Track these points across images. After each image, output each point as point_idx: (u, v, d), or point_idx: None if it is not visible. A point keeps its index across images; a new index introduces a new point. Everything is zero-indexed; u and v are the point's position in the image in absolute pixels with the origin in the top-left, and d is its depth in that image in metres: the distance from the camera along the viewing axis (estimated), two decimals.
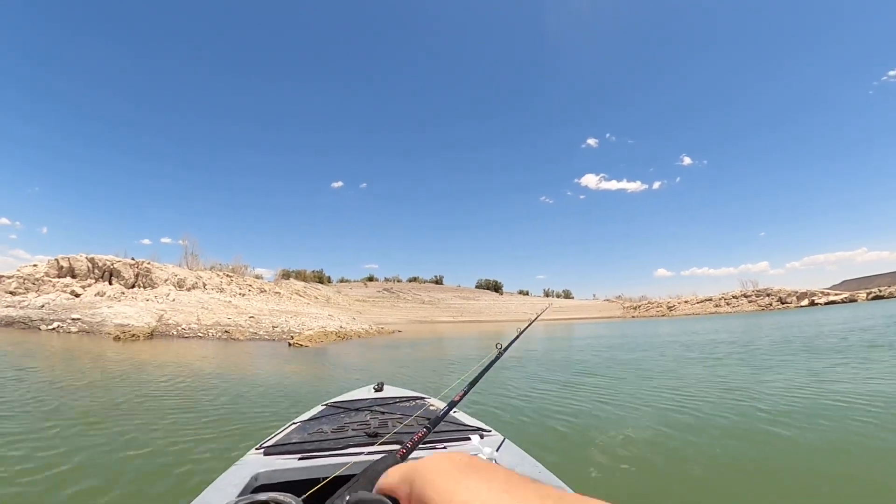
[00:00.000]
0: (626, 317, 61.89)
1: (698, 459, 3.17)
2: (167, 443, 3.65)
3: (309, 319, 28.00)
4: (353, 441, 1.47)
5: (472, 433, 1.58)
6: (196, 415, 4.74)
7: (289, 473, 1.27)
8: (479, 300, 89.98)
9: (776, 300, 50.41)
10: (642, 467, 3.06)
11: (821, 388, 5.44)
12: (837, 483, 2.74)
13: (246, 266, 51.97)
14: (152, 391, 6.19)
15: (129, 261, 24.74)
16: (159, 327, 18.08)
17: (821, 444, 3.43)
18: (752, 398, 5.07)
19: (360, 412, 1.96)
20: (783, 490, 2.71)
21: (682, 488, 2.76)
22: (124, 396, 5.69)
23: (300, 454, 1.37)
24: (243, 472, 1.24)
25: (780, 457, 3.24)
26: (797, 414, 4.28)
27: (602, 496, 0.24)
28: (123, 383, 6.91)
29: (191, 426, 4.23)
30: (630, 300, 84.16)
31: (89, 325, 16.59)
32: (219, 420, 4.50)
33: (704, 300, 60.08)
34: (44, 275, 20.59)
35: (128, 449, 3.48)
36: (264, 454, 1.40)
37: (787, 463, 3.12)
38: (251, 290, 41.25)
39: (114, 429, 4.07)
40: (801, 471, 2.98)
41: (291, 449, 1.42)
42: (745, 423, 4.05)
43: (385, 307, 75.55)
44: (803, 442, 3.50)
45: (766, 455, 3.25)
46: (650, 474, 2.96)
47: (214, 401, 5.55)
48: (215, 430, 4.10)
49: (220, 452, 3.39)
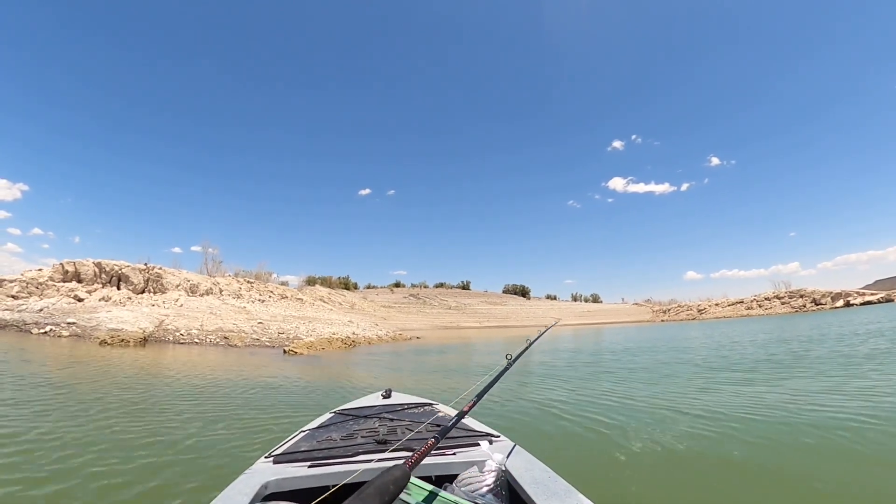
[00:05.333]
0: (656, 320, 60.18)
1: (721, 471, 2.89)
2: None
3: (323, 325, 27.01)
4: (363, 448, 1.47)
5: (482, 439, 1.57)
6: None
7: (298, 482, 1.27)
8: (506, 305, 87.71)
9: (810, 301, 48.97)
10: (660, 476, 2.84)
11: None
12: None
13: (270, 273, 52.07)
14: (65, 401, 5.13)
15: (138, 266, 24.40)
16: (156, 333, 17.24)
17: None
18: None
19: (369, 419, 1.95)
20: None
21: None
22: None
23: (309, 462, 1.38)
24: (252, 481, 1.24)
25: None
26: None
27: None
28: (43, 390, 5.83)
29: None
30: (659, 303, 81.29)
31: (82, 330, 15.90)
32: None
33: (736, 302, 58.07)
34: (48, 279, 20.38)
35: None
36: (273, 462, 1.41)
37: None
38: (272, 296, 40.88)
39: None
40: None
41: (300, 457, 1.44)
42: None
43: (411, 313, 74.80)
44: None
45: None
46: (667, 483, 2.73)
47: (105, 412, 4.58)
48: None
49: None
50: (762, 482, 2.66)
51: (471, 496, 1.16)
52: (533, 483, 1.15)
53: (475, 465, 1.31)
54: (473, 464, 1.33)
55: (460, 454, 1.43)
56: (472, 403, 1.18)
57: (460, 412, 1.07)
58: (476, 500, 1.14)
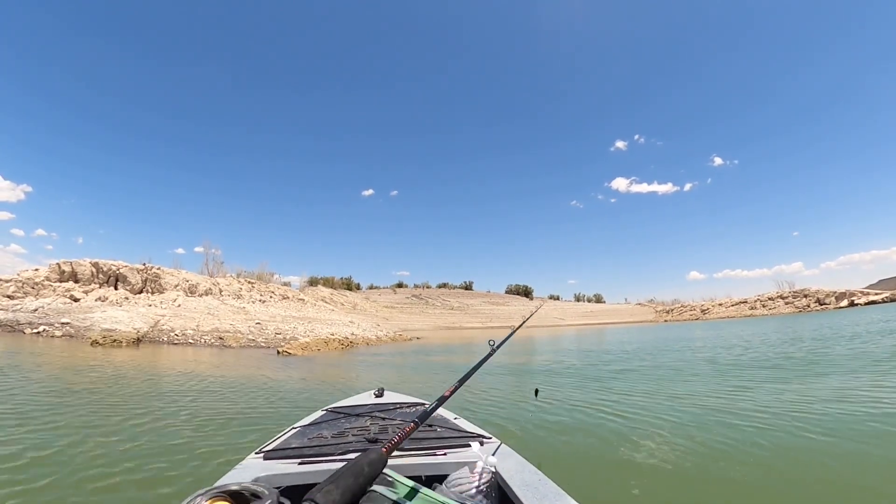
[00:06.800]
0: (659, 321, 59.96)
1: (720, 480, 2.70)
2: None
3: (322, 326, 26.85)
4: (354, 446, 1.47)
5: (472, 440, 1.57)
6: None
7: (288, 478, 1.27)
8: (509, 305, 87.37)
9: (814, 301, 49.06)
10: (653, 481, 2.68)
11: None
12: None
13: (272, 273, 52.02)
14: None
15: (136, 266, 24.31)
16: (151, 333, 17.09)
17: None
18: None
19: (361, 418, 1.96)
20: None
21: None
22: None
23: (300, 459, 1.38)
24: (242, 476, 1.24)
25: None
26: None
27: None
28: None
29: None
30: (662, 304, 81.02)
31: (76, 330, 15.78)
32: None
33: (739, 302, 57.97)
34: (44, 279, 20.29)
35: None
36: (264, 458, 1.41)
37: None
38: (273, 296, 40.76)
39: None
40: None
41: (291, 453, 1.43)
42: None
43: (413, 313, 74.68)
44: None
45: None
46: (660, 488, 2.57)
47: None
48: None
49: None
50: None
51: (460, 497, 1.16)
52: (523, 485, 1.14)
53: (465, 466, 1.31)
54: (464, 465, 1.32)
55: (451, 454, 1.43)
56: (454, 388, 1.17)
57: (441, 397, 1.08)
58: (465, 502, 1.14)
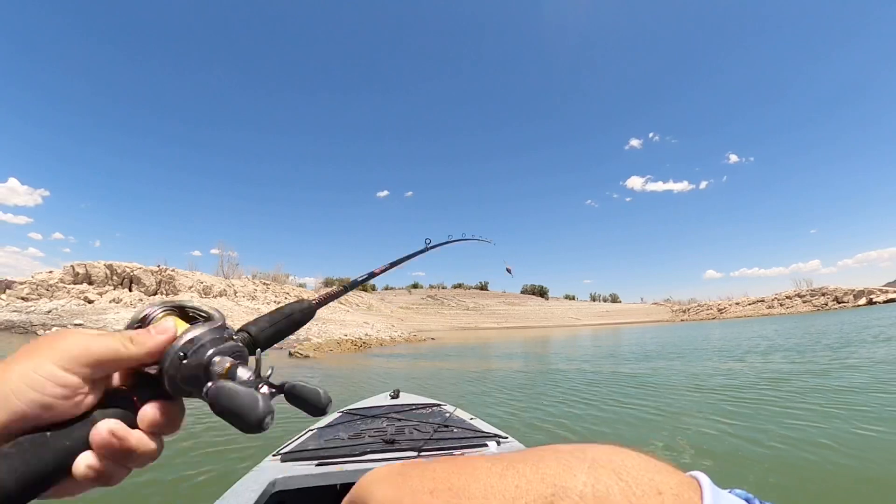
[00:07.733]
0: (675, 320, 59.61)
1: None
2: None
3: (336, 327, 26.58)
4: (370, 448, 1.48)
5: (489, 440, 1.58)
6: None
7: (306, 480, 1.28)
8: (525, 305, 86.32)
9: (832, 300, 48.36)
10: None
11: None
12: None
13: (287, 275, 52.15)
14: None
15: (151, 268, 24.27)
16: None
17: None
18: None
19: (377, 419, 1.97)
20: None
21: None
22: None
23: (317, 461, 1.38)
24: (260, 479, 1.24)
25: None
26: None
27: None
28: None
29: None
30: (679, 303, 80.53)
31: None
32: None
33: (757, 301, 57.42)
34: (58, 281, 20.31)
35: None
36: (281, 460, 1.42)
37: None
38: (288, 298, 40.83)
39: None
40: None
41: (308, 455, 1.45)
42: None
43: (429, 314, 74.30)
44: None
45: None
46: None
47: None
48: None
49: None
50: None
51: None
52: None
53: None
54: None
55: (468, 454, 1.40)
56: (383, 269, 0.98)
57: (370, 273, 0.94)
58: None
